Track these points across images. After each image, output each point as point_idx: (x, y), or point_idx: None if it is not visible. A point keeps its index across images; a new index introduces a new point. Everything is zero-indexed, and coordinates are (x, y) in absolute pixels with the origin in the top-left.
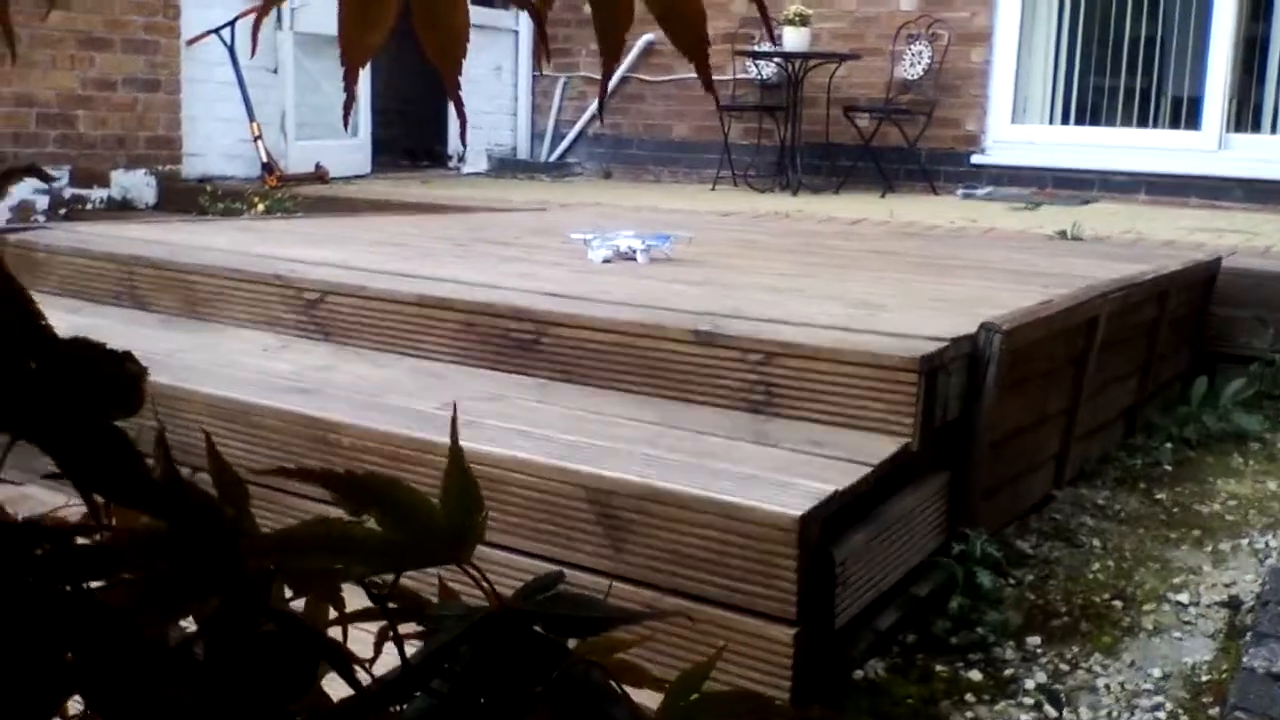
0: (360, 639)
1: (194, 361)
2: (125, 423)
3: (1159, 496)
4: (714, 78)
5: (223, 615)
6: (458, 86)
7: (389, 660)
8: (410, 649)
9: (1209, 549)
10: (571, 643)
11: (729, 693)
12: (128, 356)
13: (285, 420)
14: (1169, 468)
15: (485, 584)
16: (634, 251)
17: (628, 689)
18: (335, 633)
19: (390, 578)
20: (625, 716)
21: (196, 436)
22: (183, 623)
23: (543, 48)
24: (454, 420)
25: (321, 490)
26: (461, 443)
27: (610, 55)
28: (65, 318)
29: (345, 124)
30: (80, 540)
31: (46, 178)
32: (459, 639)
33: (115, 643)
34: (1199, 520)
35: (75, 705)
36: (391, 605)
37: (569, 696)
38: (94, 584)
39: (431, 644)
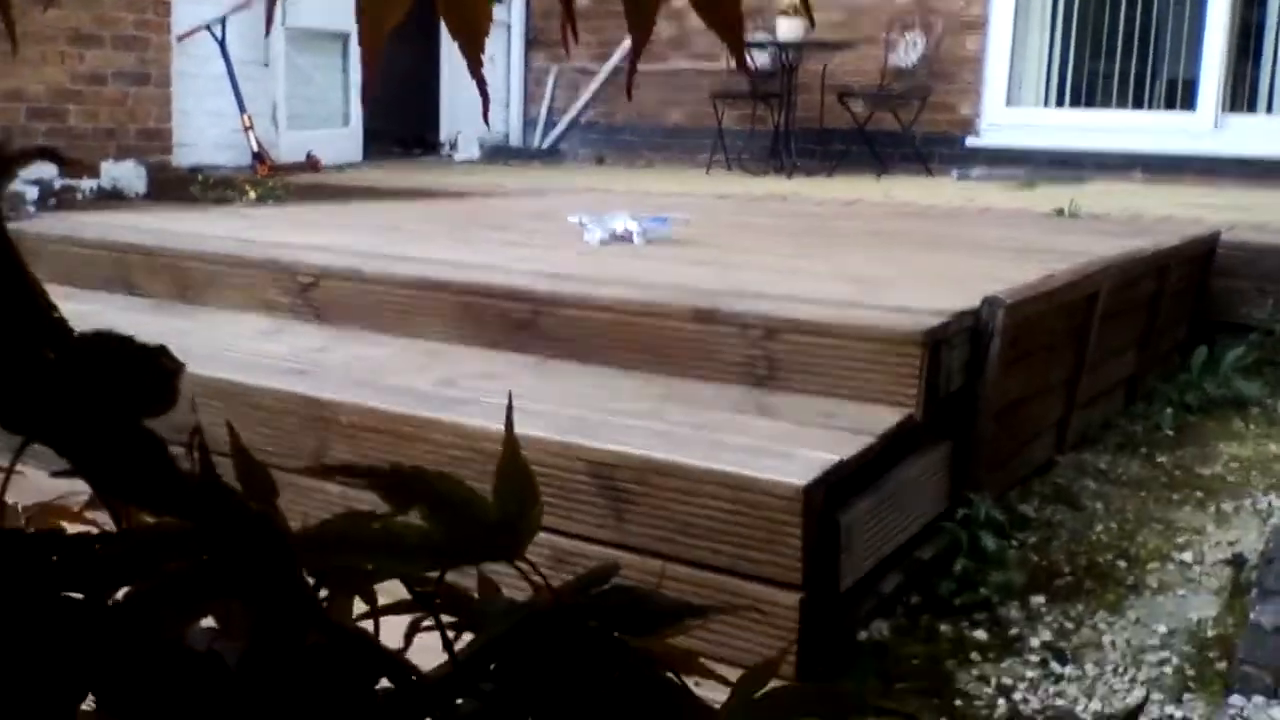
0: (385, 627)
1: (189, 345)
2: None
3: (1160, 460)
4: (707, 67)
5: (270, 626)
6: (480, 64)
7: (419, 656)
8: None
9: (1211, 509)
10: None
11: (798, 688)
12: (162, 351)
13: (282, 400)
14: (1170, 433)
15: (539, 577)
16: (630, 234)
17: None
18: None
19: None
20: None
21: (192, 419)
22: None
23: (568, 24)
24: (509, 410)
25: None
26: (459, 419)
27: (642, 32)
28: (59, 305)
29: (365, 104)
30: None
31: (60, 159)
32: (508, 636)
33: (132, 647)
34: (1201, 482)
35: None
36: (437, 600)
37: (634, 699)
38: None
39: (477, 642)
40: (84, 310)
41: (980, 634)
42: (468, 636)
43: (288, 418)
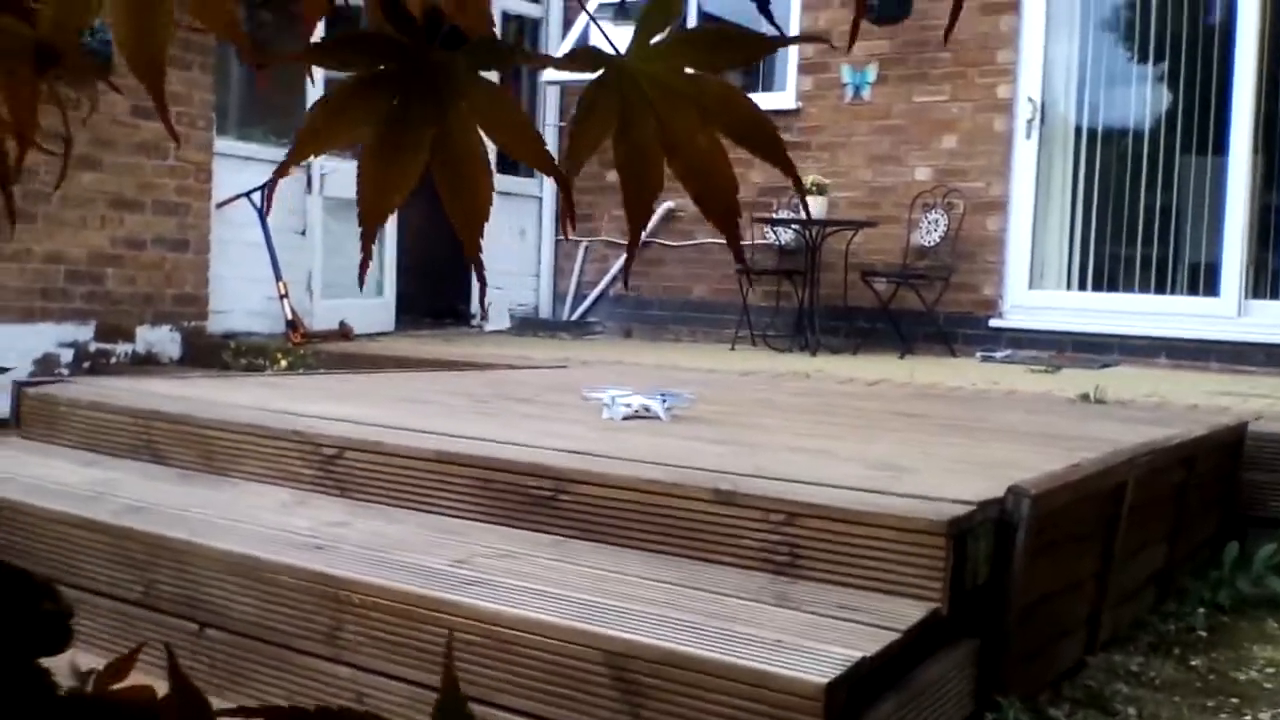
0: None
1: (210, 516)
2: (125, 572)
3: (1194, 663)
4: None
5: None
6: (478, 250)
7: None
8: None
9: (1248, 717)
10: None
11: None
12: (48, 592)
13: (298, 577)
14: (1203, 633)
15: None
16: (648, 410)
17: None
18: None
19: None
20: None
21: (209, 592)
22: None
23: (568, 214)
24: (448, 655)
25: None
26: (474, 601)
27: (636, 223)
28: (81, 470)
29: (361, 283)
30: None
31: None
32: None
33: None
34: (1236, 688)
35: None
36: None
37: None
38: None
39: None
40: (109, 478)
41: None
42: None
43: (302, 595)
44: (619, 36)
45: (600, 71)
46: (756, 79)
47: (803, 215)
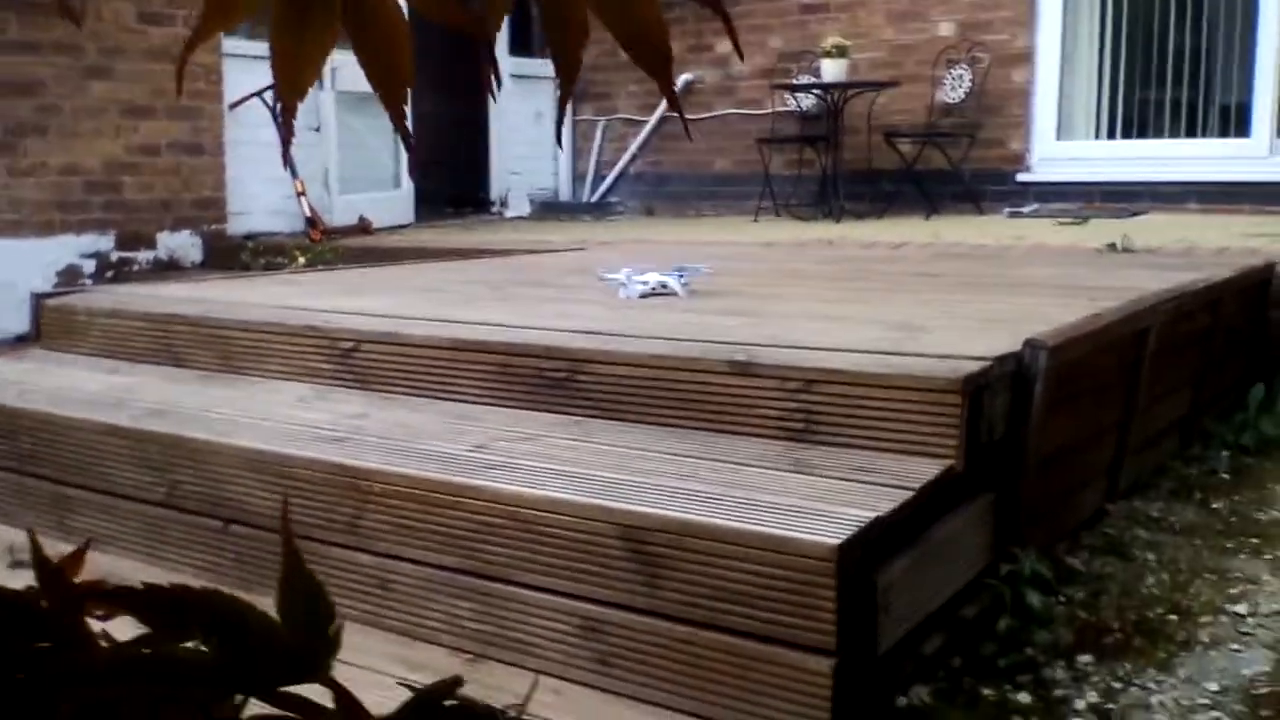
0: None
1: (229, 415)
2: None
3: (1215, 506)
4: (754, 112)
5: None
6: (402, 116)
7: None
8: None
9: (1268, 557)
10: None
11: None
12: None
13: (317, 469)
14: (1226, 476)
15: (348, 700)
16: (665, 286)
17: None
18: None
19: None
20: None
21: (231, 489)
22: None
23: (490, 71)
24: (284, 516)
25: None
26: (495, 484)
27: (567, 76)
28: (102, 378)
29: (285, 162)
30: None
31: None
32: None
33: None
34: (1257, 528)
35: None
36: None
37: None
38: None
39: None
40: (130, 383)
41: (1024, 697)
42: None
43: (323, 487)
44: None
45: None
46: None
47: (824, 80)
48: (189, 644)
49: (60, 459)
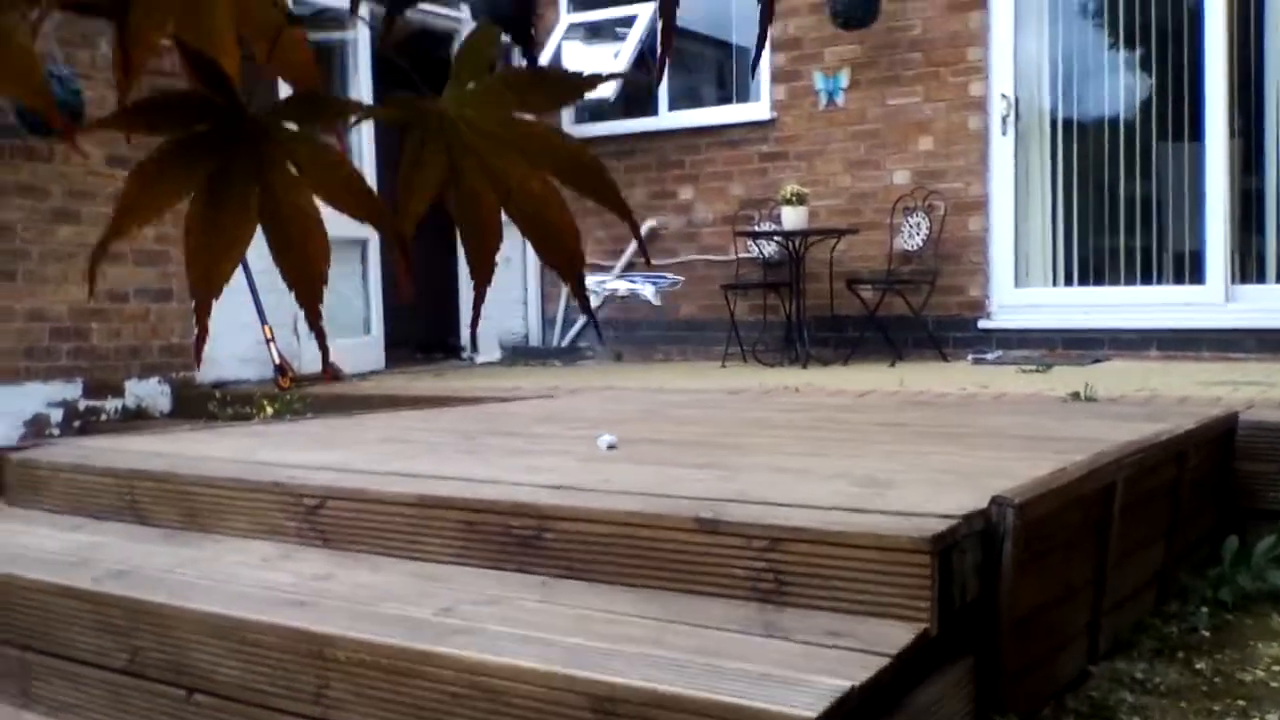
0: None
1: (192, 577)
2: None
3: (1199, 666)
4: (718, 258)
5: None
6: (318, 316)
7: None
8: None
9: (1255, 719)
10: None
11: None
12: None
13: (281, 636)
14: (1207, 634)
15: None
16: (638, 295)
17: None
18: None
19: None
20: None
21: (194, 656)
22: None
23: (405, 271)
24: None
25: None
26: (459, 652)
27: (481, 275)
28: (65, 536)
29: (197, 362)
30: None
31: None
32: None
33: None
34: (1243, 689)
35: None
36: None
37: None
38: None
39: None
40: (92, 541)
41: None
42: None
43: (286, 654)
44: (593, 57)
45: (424, 117)
46: (731, 92)
47: (785, 227)
48: None
49: (22, 623)
